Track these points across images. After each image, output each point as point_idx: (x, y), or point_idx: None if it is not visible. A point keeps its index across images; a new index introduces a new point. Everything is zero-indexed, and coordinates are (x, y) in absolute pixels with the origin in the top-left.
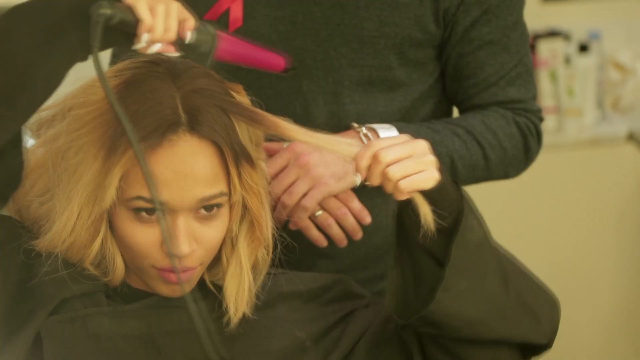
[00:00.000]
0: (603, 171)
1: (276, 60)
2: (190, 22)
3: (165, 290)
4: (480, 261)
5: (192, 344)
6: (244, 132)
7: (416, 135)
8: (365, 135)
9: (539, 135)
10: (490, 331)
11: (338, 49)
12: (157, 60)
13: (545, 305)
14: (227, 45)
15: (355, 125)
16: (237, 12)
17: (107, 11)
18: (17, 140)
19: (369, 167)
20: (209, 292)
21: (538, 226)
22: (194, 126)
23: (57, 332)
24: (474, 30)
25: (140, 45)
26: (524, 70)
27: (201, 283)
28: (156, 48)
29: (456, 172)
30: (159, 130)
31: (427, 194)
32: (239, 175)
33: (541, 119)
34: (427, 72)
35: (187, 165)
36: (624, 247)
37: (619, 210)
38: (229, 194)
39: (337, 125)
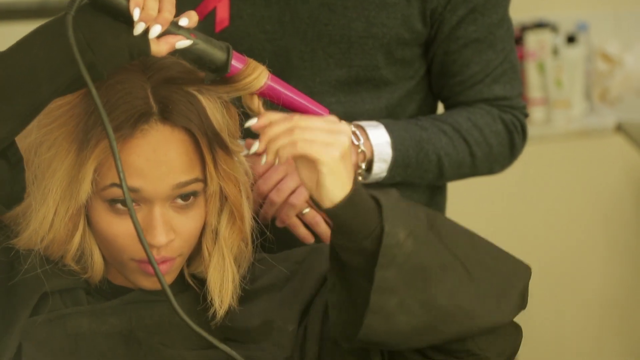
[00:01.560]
0: (591, 163)
1: (321, 110)
2: (193, 13)
3: (146, 283)
4: (414, 269)
5: (174, 336)
6: (219, 121)
7: (404, 132)
8: (354, 133)
9: (524, 132)
10: (436, 335)
11: (325, 49)
12: None
13: (512, 277)
14: (274, 82)
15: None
16: (223, 12)
17: None
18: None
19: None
20: (188, 285)
21: (526, 218)
22: (166, 115)
23: (36, 334)
24: (460, 29)
25: (137, 28)
26: (510, 67)
27: (180, 276)
28: (157, 30)
29: (443, 170)
30: (130, 121)
31: (336, 218)
32: (215, 162)
33: (526, 115)
34: (413, 70)
35: (160, 153)
36: (612, 238)
37: (608, 202)
38: (205, 182)
39: None
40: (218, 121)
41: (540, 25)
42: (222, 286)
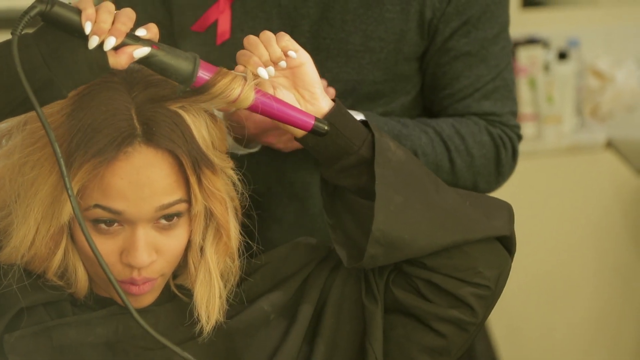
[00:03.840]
0: (582, 178)
1: (307, 117)
2: (152, 25)
3: None
4: (411, 176)
5: (160, 346)
6: (205, 138)
7: (384, 125)
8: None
9: (514, 151)
10: (444, 234)
11: (323, 63)
12: (114, 70)
13: (495, 203)
14: (260, 95)
15: None
16: (224, 24)
17: (42, 6)
18: None
19: None
20: (174, 295)
21: (517, 233)
22: (150, 137)
23: (22, 347)
24: (451, 41)
25: (90, 42)
26: (503, 85)
27: (165, 286)
28: (111, 42)
29: None
30: (113, 144)
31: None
32: (199, 183)
33: (519, 136)
34: (411, 84)
35: (143, 176)
36: (602, 253)
37: (598, 217)
38: (189, 202)
39: None
40: (204, 138)
41: (531, 41)
42: (209, 302)
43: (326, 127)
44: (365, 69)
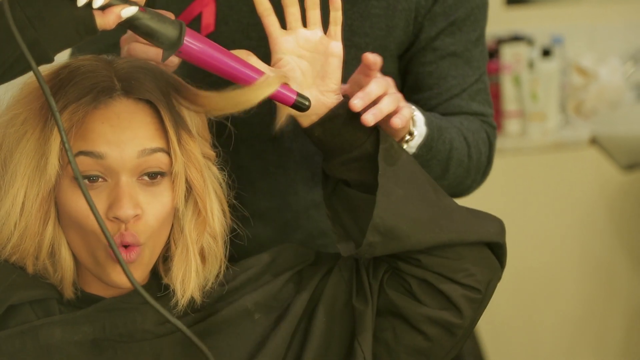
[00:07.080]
0: (566, 175)
1: (252, 73)
2: None
3: (116, 277)
4: (411, 175)
5: (146, 343)
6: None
7: (430, 115)
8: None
9: (493, 151)
10: (440, 231)
11: None
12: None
13: (488, 215)
14: (196, 40)
15: None
16: (209, 17)
17: None
18: None
19: None
20: (161, 291)
21: None
22: (129, 90)
23: (8, 347)
24: (437, 40)
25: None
26: (483, 88)
27: (154, 283)
28: (99, 2)
29: (449, 164)
30: (93, 91)
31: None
32: (178, 139)
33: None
34: (397, 85)
35: (124, 120)
36: (587, 250)
37: (582, 214)
38: (170, 158)
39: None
40: (186, 117)
41: (515, 39)
42: (185, 276)
43: (307, 103)
44: (350, 64)
